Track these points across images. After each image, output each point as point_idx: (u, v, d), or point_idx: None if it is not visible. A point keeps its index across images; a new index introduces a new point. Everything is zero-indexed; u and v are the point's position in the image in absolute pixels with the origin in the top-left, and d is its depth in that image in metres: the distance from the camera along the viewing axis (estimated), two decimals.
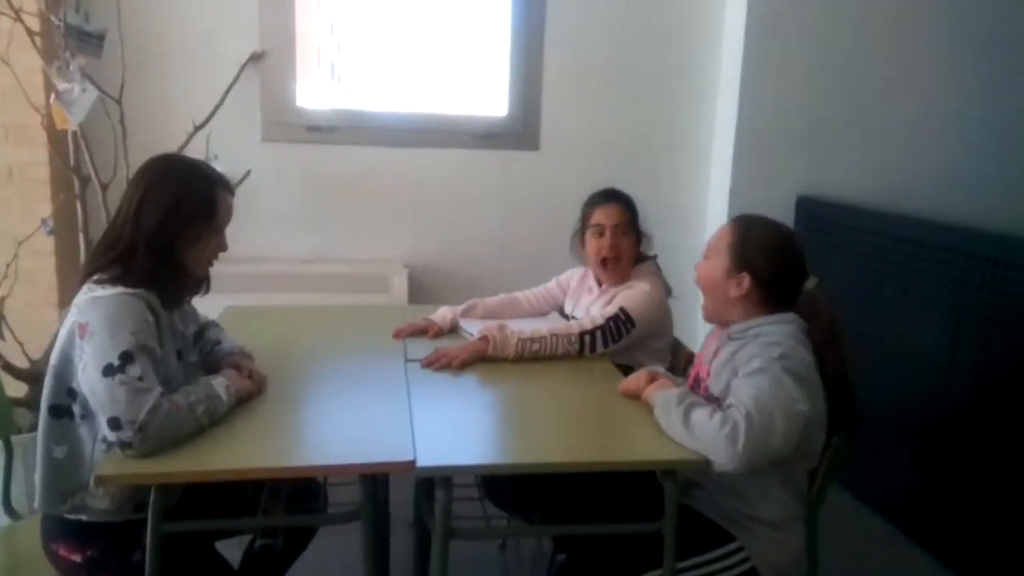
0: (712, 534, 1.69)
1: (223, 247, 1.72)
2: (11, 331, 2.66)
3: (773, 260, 1.70)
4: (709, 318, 1.82)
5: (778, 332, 1.64)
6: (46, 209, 2.98)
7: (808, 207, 3.47)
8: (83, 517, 1.56)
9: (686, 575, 1.64)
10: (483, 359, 2.03)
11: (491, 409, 1.84)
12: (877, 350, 3.00)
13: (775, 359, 1.56)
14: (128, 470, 1.39)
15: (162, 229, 1.58)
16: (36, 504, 1.58)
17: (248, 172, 3.15)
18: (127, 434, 1.39)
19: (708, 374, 1.74)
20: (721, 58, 3.56)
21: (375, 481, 1.55)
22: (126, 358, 1.44)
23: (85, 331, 1.48)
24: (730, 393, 1.59)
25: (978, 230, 2.60)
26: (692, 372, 1.87)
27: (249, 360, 1.82)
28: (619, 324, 2.11)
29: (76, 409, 1.53)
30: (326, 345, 2.19)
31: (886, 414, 2.93)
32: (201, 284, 1.76)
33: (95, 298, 1.51)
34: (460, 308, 2.35)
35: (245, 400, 1.67)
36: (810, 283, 1.73)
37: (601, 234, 2.26)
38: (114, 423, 1.40)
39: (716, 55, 3.57)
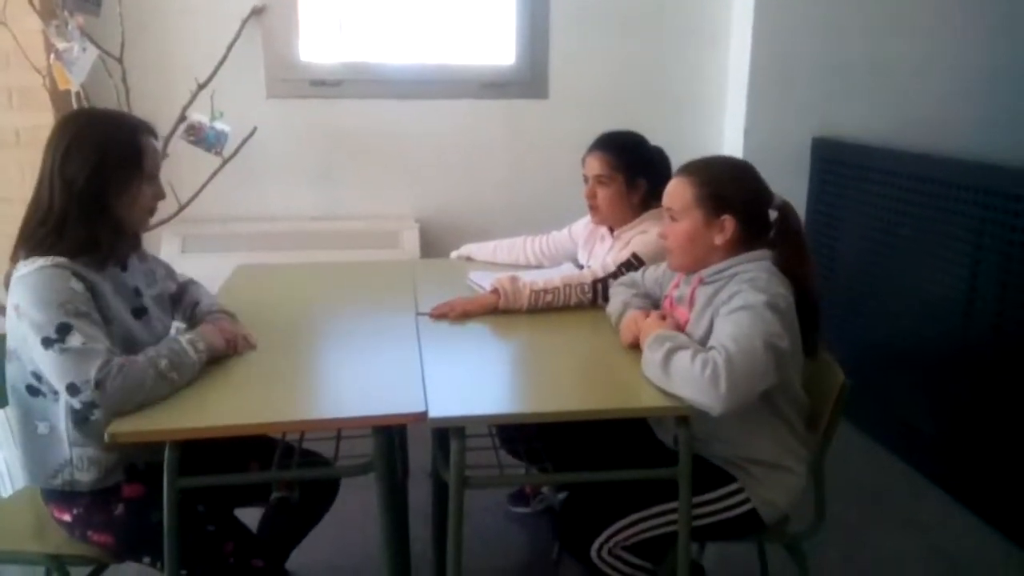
0: (712, 476, 1.69)
1: (161, 195, 1.66)
2: None
3: (748, 189, 1.67)
4: (685, 269, 1.76)
5: (754, 268, 1.62)
6: None
7: (823, 148, 3.40)
8: (72, 488, 1.57)
9: None
10: (495, 311, 2.02)
11: (503, 360, 1.84)
12: (894, 292, 2.96)
13: (757, 293, 1.54)
14: (142, 427, 1.39)
15: (90, 185, 1.51)
16: (27, 480, 1.60)
17: (254, 129, 3.12)
18: (87, 395, 1.39)
19: (687, 321, 1.70)
20: None
21: (389, 433, 1.55)
22: (63, 329, 1.41)
23: (19, 311, 1.46)
24: (712, 334, 1.57)
25: (997, 165, 2.53)
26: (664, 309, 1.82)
27: (230, 319, 1.78)
28: (631, 269, 2.07)
29: (45, 388, 1.52)
30: (338, 301, 2.19)
31: (903, 356, 2.91)
32: (139, 240, 1.69)
33: (19, 276, 1.48)
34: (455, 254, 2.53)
35: (218, 358, 1.63)
36: (776, 200, 1.70)
37: (586, 182, 2.24)
38: (72, 389, 1.40)
39: None
